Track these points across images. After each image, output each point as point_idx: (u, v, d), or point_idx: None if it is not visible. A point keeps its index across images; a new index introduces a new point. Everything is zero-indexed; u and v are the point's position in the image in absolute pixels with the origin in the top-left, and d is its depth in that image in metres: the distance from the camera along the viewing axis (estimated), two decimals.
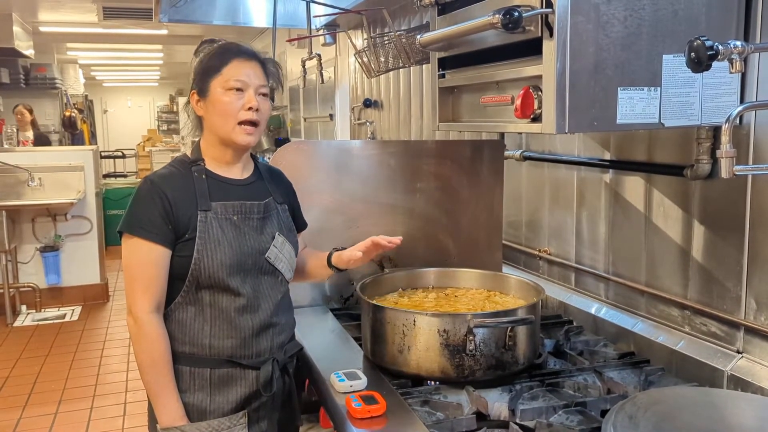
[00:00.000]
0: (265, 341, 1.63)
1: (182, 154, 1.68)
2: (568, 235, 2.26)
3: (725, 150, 1.17)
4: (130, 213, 1.56)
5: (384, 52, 2.73)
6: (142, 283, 1.53)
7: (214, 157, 1.64)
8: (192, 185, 1.58)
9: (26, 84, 7.87)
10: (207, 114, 1.60)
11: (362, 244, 1.70)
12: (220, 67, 1.57)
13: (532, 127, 1.45)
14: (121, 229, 1.56)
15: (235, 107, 1.56)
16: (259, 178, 1.71)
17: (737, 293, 1.61)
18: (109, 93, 16.43)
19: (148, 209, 1.53)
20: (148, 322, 1.52)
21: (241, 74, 1.57)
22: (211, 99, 1.58)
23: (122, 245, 1.56)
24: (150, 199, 1.54)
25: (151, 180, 1.58)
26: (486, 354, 1.60)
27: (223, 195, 1.60)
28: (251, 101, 1.57)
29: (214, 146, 1.63)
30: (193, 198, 1.56)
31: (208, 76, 1.58)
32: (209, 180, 1.61)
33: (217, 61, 1.58)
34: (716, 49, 1.14)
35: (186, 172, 1.61)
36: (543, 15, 1.32)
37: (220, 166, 1.64)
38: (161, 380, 1.54)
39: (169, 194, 1.54)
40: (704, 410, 1.31)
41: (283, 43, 4.75)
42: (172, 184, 1.57)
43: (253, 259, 1.59)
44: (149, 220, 1.52)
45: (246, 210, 1.61)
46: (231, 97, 1.56)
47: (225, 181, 1.63)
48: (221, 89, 1.56)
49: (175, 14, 3.74)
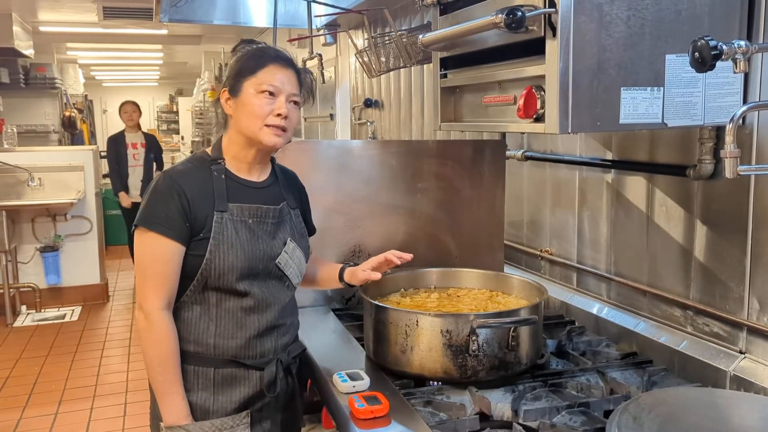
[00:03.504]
0: (270, 342, 1.62)
1: (201, 151, 1.67)
2: (570, 235, 2.26)
3: (729, 150, 1.16)
4: (148, 207, 1.54)
5: (385, 52, 2.73)
6: (155, 279, 1.52)
7: (235, 155, 1.62)
8: (210, 184, 1.57)
9: (26, 84, 7.84)
10: (236, 113, 1.58)
11: (375, 260, 1.71)
12: (256, 69, 1.56)
13: (534, 127, 1.45)
14: (137, 223, 1.54)
15: (264, 110, 1.55)
16: (275, 182, 1.70)
17: (740, 293, 1.61)
18: (109, 93, 16.40)
19: (166, 205, 1.52)
20: (159, 319, 1.51)
21: (275, 79, 1.56)
22: (242, 99, 1.56)
23: (136, 239, 1.54)
24: (168, 194, 1.52)
25: (170, 175, 1.56)
26: (489, 354, 1.60)
27: (241, 197, 1.59)
28: (281, 108, 1.55)
29: (237, 145, 1.61)
30: (211, 197, 1.55)
31: (242, 77, 1.57)
32: (228, 180, 1.59)
33: (253, 63, 1.57)
34: (720, 49, 1.14)
35: (205, 169, 1.59)
36: (546, 15, 1.32)
37: (240, 166, 1.63)
38: (169, 378, 1.53)
39: (188, 191, 1.53)
40: (708, 411, 1.31)
41: (283, 43, 4.74)
42: (190, 181, 1.55)
43: (263, 264, 1.58)
44: (167, 216, 1.51)
45: (261, 214, 1.60)
46: (262, 100, 1.55)
47: (243, 183, 1.62)
48: (253, 91, 1.55)
49: (176, 14, 3.74)
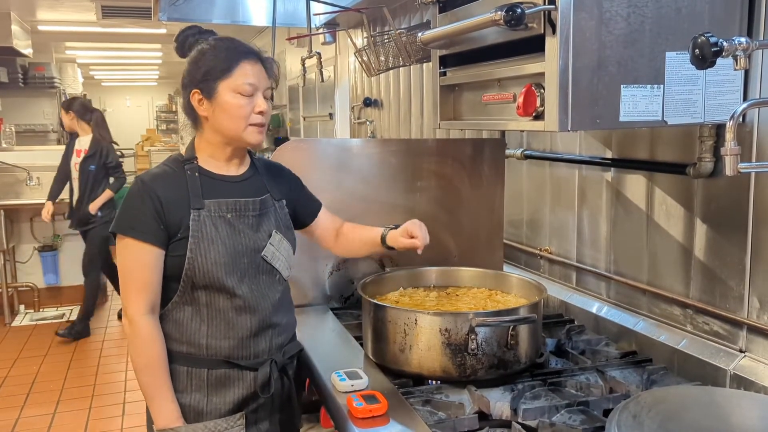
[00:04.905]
0: (264, 342, 1.61)
1: (176, 152, 1.67)
2: (570, 234, 2.26)
3: (730, 147, 1.16)
4: (122, 213, 1.54)
5: (384, 51, 2.72)
6: (136, 284, 1.51)
7: (211, 154, 1.61)
8: (185, 184, 1.56)
9: (24, 83, 7.84)
10: (213, 115, 1.56)
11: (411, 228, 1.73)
12: (229, 69, 1.54)
13: (534, 125, 1.44)
14: (112, 230, 1.54)
15: (246, 111, 1.54)
16: (255, 174, 1.68)
17: (740, 292, 1.60)
18: (108, 92, 16.40)
19: (140, 209, 1.51)
20: (144, 324, 1.51)
21: (251, 77, 1.55)
22: (219, 101, 1.54)
23: (116, 246, 1.55)
24: (141, 199, 1.52)
25: (142, 180, 1.56)
26: (488, 353, 1.60)
27: (217, 192, 1.58)
28: (262, 105, 1.55)
29: (213, 145, 1.61)
30: (186, 197, 1.54)
31: (215, 77, 1.54)
32: (202, 177, 1.58)
33: (225, 62, 1.55)
34: (720, 46, 1.13)
35: (179, 170, 1.58)
36: (546, 12, 1.31)
37: (216, 163, 1.62)
38: (156, 382, 1.52)
39: (161, 193, 1.52)
40: (708, 410, 1.30)
41: (282, 42, 4.74)
42: (163, 183, 1.55)
43: (249, 258, 1.57)
44: (141, 221, 1.51)
45: (241, 207, 1.59)
46: (241, 100, 1.54)
47: (219, 178, 1.61)
48: (231, 93, 1.54)
49: (174, 13, 3.73)
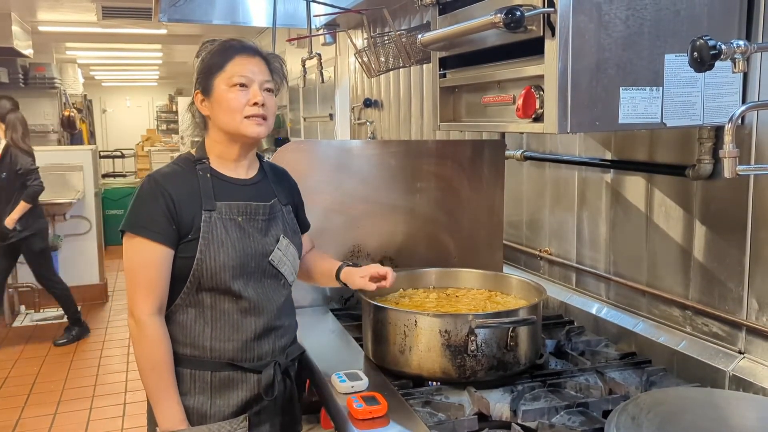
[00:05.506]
0: (267, 344, 1.61)
1: (186, 152, 1.65)
2: (569, 235, 2.26)
3: (728, 150, 1.16)
4: (133, 212, 1.53)
5: (384, 52, 2.72)
6: (144, 284, 1.50)
7: (219, 154, 1.61)
8: (196, 184, 1.55)
9: (25, 83, 7.83)
10: (213, 112, 1.57)
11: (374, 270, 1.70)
12: (223, 64, 1.55)
13: (533, 127, 1.44)
14: (123, 228, 1.52)
15: (240, 103, 1.54)
16: (264, 178, 1.69)
17: (739, 293, 1.61)
18: (108, 93, 16.39)
19: (151, 208, 1.50)
20: (150, 324, 1.50)
21: (245, 70, 1.55)
22: (216, 97, 1.56)
23: (124, 245, 1.53)
24: (153, 197, 1.51)
25: (154, 178, 1.55)
26: (487, 354, 1.60)
27: (228, 195, 1.57)
28: (256, 96, 1.54)
29: (220, 143, 1.60)
30: (197, 197, 1.54)
31: (211, 75, 1.56)
32: (214, 179, 1.58)
33: (220, 58, 1.57)
34: (719, 49, 1.14)
35: (190, 170, 1.58)
36: (545, 14, 1.31)
37: (226, 164, 1.61)
38: (162, 384, 1.51)
39: (173, 193, 1.51)
40: (707, 411, 1.31)
41: (282, 43, 4.73)
42: (175, 183, 1.54)
43: (256, 262, 1.56)
44: (152, 220, 1.50)
45: (251, 211, 1.58)
46: (235, 93, 1.54)
47: (230, 180, 1.60)
48: (225, 86, 1.54)
49: (175, 14, 3.73)
